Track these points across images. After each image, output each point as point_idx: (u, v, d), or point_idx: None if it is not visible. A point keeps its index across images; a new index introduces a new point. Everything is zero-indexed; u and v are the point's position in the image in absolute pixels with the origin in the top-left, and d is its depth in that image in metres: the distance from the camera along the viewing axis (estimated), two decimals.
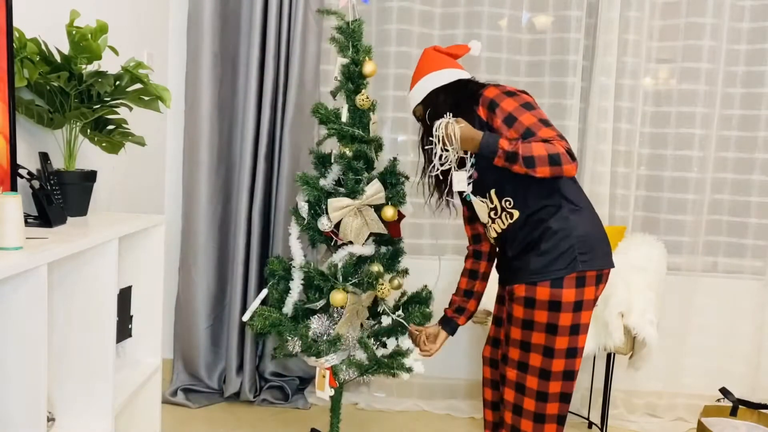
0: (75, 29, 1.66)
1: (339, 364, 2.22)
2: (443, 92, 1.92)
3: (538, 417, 1.84)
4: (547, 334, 1.79)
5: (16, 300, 1.27)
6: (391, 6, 2.93)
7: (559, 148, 1.68)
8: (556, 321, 1.78)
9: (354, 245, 2.22)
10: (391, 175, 2.25)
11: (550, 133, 1.72)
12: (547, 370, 1.81)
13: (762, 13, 2.91)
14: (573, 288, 1.79)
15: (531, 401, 1.84)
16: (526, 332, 1.82)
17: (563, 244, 1.79)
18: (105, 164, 2.33)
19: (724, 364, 3.03)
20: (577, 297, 1.79)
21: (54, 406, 1.66)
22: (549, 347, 1.79)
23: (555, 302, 1.78)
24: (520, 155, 1.69)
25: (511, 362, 1.87)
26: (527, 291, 1.81)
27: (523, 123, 1.75)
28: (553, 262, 1.78)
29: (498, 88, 1.85)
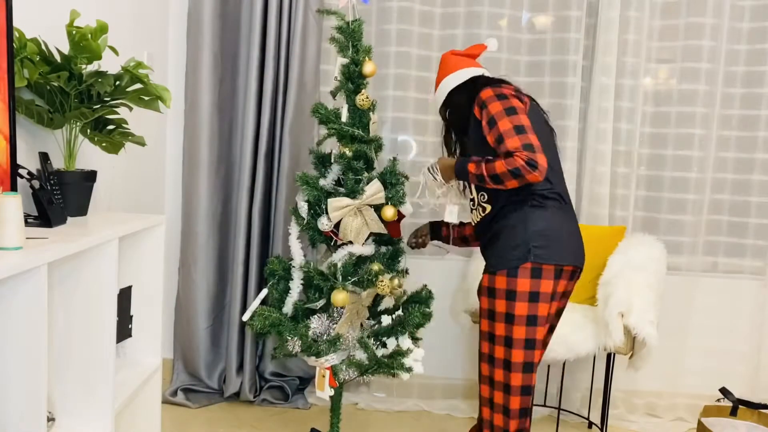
0: (75, 29, 1.66)
1: (339, 364, 2.22)
2: (457, 92, 2.06)
3: (505, 411, 1.92)
4: (506, 324, 1.88)
5: (16, 300, 1.27)
6: (391, 6, 2.93)
7: (517, 161, 1.79)
8: (512, 310, 1.87)
9: (354, 245, 2.22)
10: (390, 175, 2.25)
11: (515, 144, 1.81)
12: (508, 361, 1.88)
13: (762, 13, 2.91)
14: (528, 278, 1.87)
15: (499, 393, 1.92)
16: (490, 323, 1.92)
17: (519, 236, 1.89)
18: (105, 164, 2.33)
19: (724, 364, 3.03)
20: (532, 287, 1.87)
21: (54, 406, 1.66)
22: (509, 337, 1.88)
23: (511, 291, 1.87)
24: (486, 175, 1.85)
25: (483, 356, 1.96)
26: (488, 281, 1.92)
27: (498, 128, 1.85)
28: (509, 251, 1.89)
29: (494, 89, 1.94)
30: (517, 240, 1.89)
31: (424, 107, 3.03)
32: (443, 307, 3.06)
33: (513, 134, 1.83)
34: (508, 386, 1.90)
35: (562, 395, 2.96)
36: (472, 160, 1.90)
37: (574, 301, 2.79)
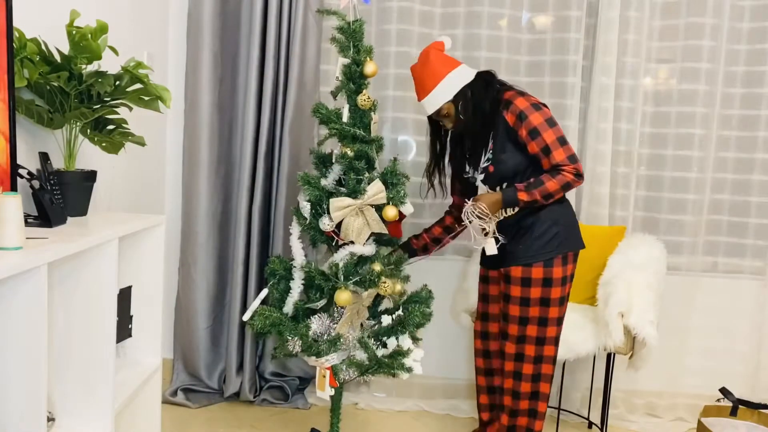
0: (75, 29, 1.66)
1: (339, 364, 2.22)
2: (469, 89, 2.18)
3: (535, 377, 2.24)
4: (541, 307, 2.17)
5: (16, 300, 1.27)
6: (391, 6, 2.93)
7: (567, 177, 2.09)
8: (548, 295, 2.17)
9: (355, 245, 2.22)
10: (391, 175, 2.25)
11: (561, 156, 2.08)
12: (542, 337, 2.20)
13: (762, 13, 2.91)
14: (561, 266, 2.17)
15: (529, 365, 2.23)
16: (524, 308, 2.19)
17: (552, 230, 2.17)
18: (105, 164, 2.33)
19: (724, 364, 3.03)
20: (564, 273, 2.18)
21: (54, 406, 1.66)
22: (543, 317, 2.18)
23: (548, 279, 2.16)
24: (540, 199, 2.11)
25: (511, 337, 2.23)
26: (523, 272, 2.17)
27: (544, 139, 2.09)
28: (544, 245, 2.16)
29: (525, 98, 2.14)
30: (550, 233, 2.16)
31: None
32: (443, 307, 3.06)
33: (558, 146, 2.09)
34: (540, 357, 2.22)
35: (562, 395, 2.96)
36: (520, 189, 2.11)
37: (574, 301, 2.79)
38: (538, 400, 2.27)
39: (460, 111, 2.18)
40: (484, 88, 2.18)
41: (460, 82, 2.18)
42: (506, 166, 2.16)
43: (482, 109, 2.16)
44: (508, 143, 2.15)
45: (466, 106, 2.17)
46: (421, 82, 2.20)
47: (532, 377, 2.24)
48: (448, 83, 2.16)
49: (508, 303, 2.22)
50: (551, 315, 2.18)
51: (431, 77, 2.17)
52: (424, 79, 2.19)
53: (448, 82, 2.16)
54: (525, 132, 2.11)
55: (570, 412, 3.01)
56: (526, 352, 2.22)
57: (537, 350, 2.21)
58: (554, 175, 2.09)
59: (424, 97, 2.21)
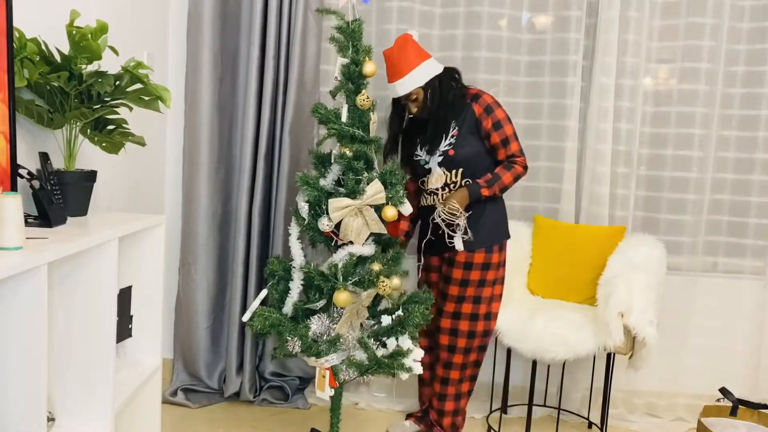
0: (75, 29, 1.66)
1: (339, 364, 2.22)
2: (439, 79, 2.42)
3: (467, 350, 2.52)
4: (477, 287, 2.47)
5: (16, 300, 1.28)
6: (391, 6, 2.93)
7: (518, 170, 2.43)
8: (485, 277, 2.48)
9: (354, 245, 2.22)
10: (390, 175, 2.25)
11: (516, 148, 2.43)
12: (476, 314, 2.49)
13: (762, 13, 2.91)
14: (498, 252, 2.49)
15: (463, 339, 2.50)
16: (462, 288, 2.47)
17: (493, 219, 2.49)
18: (105, 164, 2.33)
19: (724, 364, 3.03)
20: (500, 258, 2.51)
21: (54, 406, 1.66)
22: (478, 296, 2.48)
23: (486, 264, 2.47)
24: (498, 193, 2.43)
25: (446, 314, 2.51)
26: (467, 257, 2.46)
27: (505, 132, 2.42)
28: (488, 234, 2.47)
29: (489, 95, 2.46)
30: (491, 224, 2.48)
31: None
32: None
33: (514, 139, 2.43)
34: (474, 332, 2.50)
35: (562, 395, 2.96)
36: (482, 186, 2.39)
37: (574, 301, 2.80)
38: (468, 371, 2.56)
39: (428, 98, 2.41)
40: (452, 81, 2.45)
41: (431, 72, 2.41)
42: (465, 151, 2.41)
43: (446, 99, 2.41)
44: (470, 132, 2.42)
45: (434, 94, 2.41)
46: (397, 65, 2.38)
47: (464, 350, 2.51)
48: (421, 71, 2.38)
49: (448, 284, 2.50)
50: (485, 294, 2.48)
51: (407, 63, 2.37)
52: (399, 63, 2.37)
53: (421, 69, 2.38)
54: (490, 123, 2.39)
55: (570, 412, 3.01)
56: (460, 327, 2.49)
57: (470, 325, 2.49)
58: (508, 168, 2.41)
59: (397, 79, 2.39)
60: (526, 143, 3.02)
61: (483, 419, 2.94)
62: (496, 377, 3.01)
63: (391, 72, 2.41)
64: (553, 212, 3.01)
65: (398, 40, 2.40)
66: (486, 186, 2.39)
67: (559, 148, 2.99)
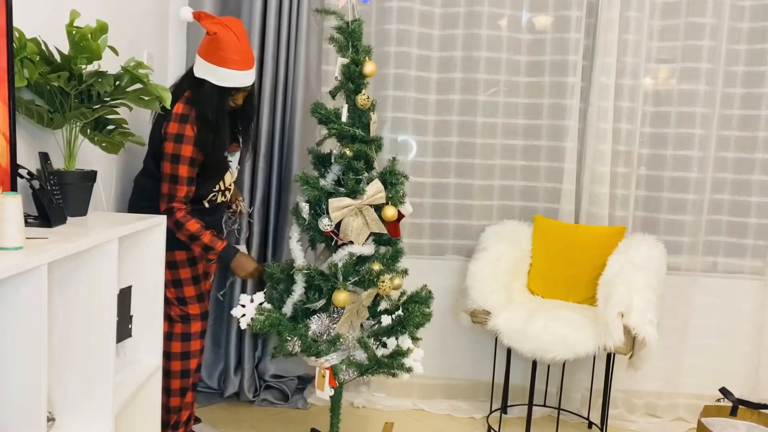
0: (75, 29, 1.66)
1: (339, 364, 2.22)
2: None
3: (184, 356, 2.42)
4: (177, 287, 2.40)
5: (16, 300, 1.27)
6: (391, 6, 2.93)
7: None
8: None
9: (354, 245, 2.22)
10: (391, 175, 2.25)
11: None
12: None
13: (762, 13, 2.91)
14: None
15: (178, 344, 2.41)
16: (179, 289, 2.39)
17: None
18: (105, 164, 2.33)
19: (724, 364, 3.03)
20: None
21: (54, 406, 1.66)
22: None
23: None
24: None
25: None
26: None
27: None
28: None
29: None
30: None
31: (423, 107, 3.03)
32: (443, 307, 3.06)
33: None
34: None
35: (562, 395, 2.96)
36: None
37: (574, 301, 2.80)
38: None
39: (254, 92, 2.37)
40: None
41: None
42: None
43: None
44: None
45: (254, 91, 2.39)
46: (248, 52, 2.19)
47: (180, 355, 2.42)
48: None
49: (208, 280, 2.48)
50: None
51: (251, 52, 2.22)
52: (249, 51, 2.19)
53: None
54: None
55: (570, 412, 3.01)
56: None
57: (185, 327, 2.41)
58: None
59: (252, 66, 2.21)
60: (527, 143, 3.02)
61: (483, 419, 2.94)
62: (496, 377, 3.01)
63: (247, 58, 2.18)
64: (553, 212, 3.01)
65: (238, 24, 2.19)
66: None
67: (559, 148, 2.99)
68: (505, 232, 2.89)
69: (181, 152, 2.17)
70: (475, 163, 3.02)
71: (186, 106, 2.18)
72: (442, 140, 3.04)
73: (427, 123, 3.04)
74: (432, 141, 3.05)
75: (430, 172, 3.06)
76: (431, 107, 3.03)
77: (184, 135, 2.16)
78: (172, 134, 2.17)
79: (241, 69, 2.16)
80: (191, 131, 2.17)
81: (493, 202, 3.07)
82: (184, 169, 2.18)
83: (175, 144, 2.17)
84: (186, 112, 2.18)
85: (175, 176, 2.18)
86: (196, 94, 2.18)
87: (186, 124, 2.17)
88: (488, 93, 3.01)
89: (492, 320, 2.60)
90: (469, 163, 3.03)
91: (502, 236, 2.86)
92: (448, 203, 3.07)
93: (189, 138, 2.17)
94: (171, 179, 2.19)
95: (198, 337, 2.41)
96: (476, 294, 2.64)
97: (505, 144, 3.04)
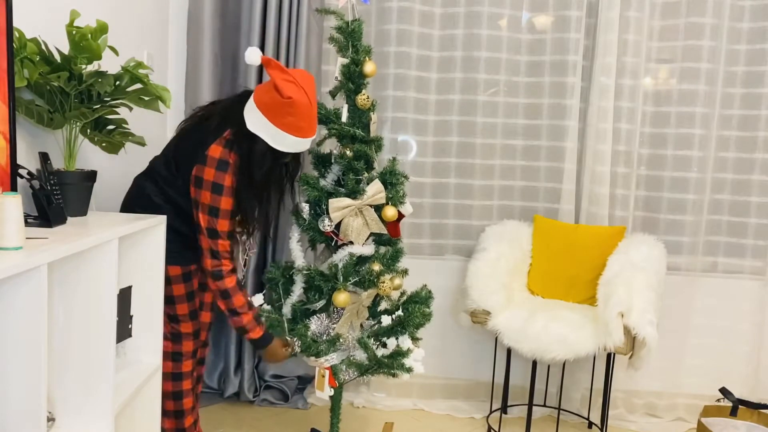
0: (75, 29, 1.66)
1: (339, 364, 2.22)
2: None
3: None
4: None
5: (16, 300, 1.27)
6: (391, 6, 2.93)
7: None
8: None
9: (354, 245, 2.22)
10: (391, 175, 2.25)
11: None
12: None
13: (762, 13, 2.91)
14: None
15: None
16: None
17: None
18: (105, 164, 2.33)
19: (724, 364, 3.03)
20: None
21: (54, 406, 1.66)
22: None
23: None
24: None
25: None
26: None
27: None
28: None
29: None
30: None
31: (423, 107, 3.03)
32: (443, 307, 3.06)
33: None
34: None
35: (562, 395, 2.96)
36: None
37: (574, 301, 2.80)
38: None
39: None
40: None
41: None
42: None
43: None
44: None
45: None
46: (315, 116, 2.00)
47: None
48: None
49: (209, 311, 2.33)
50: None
51: (316, 116, 2.03)
52: (316, 115, 2.00)
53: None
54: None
55: (570, 412, 3.01)
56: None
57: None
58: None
59: (315, 132, 2.02)
60: (527, 143, 3.02)
61: (483, 419, 2.94)
62: (496, 377, 3.01)
63: (313, 124, 1.97)
64: (553, 212, 3.01)
65: (312, 83, 1.95)
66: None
67: (559, 148, 3.00)
68: (505, 232, 2.89)
69: (220, 205, 1.93)
70: (475, 163, 3.02)
71: (225, 151, 1.92)
72: (442, 140, 3.04)
73: (427, 123, 3.04)
74: (432, 141, 3.05)
75: (430, 172, 3.06)
76: (431, 107, 3.03)
77: (223, 186, 1.91)
78: (208, 182, 1.92)
79: (305, 137, 1.96)
80: (230, 181, 1.93)
81: (493, 202, 3.07)
82: (224, 224, 1.95)
83: (213, 195, 1.92)
84: (225, 158, 1.92)
85: (214, 231, 1.95)
86: (244, 148, 1.93)
87: (225, 173, 1.91)
88: (488, 93, 3.01)
89: (492, 320, 2.60)
90: (469, 163, 3.03)
91: (502, 236, 2.86)
92: (448, 203, 3.07)
93: (228, 190, 1.92)
94: (210, 234, 1.96)
95: (190, 357, 2.19)
96: (476, 294, 2.64)
97: (505, 144, 3.04)
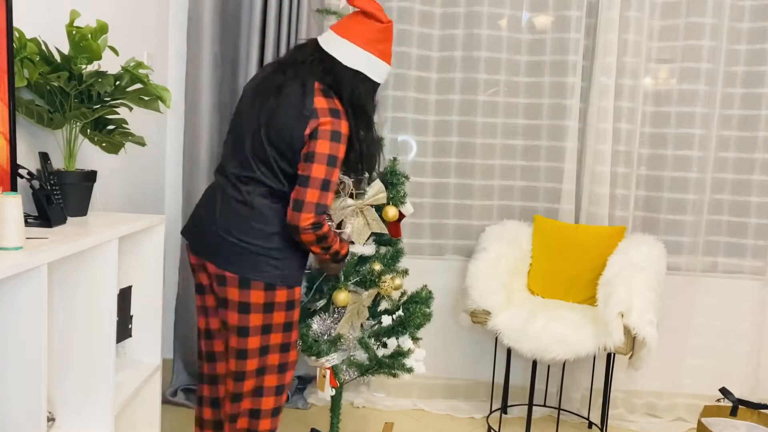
0: (75, 29, 1.66)
1: (339, 364, 2.22)
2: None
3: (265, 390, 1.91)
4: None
5: (16, 300, 1.28)
6: (391, 6, 2.93)
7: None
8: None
9: (355, 245, 2.22)
10: (391, 175, 2.25)
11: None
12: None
13: (762, 13, 2.91)
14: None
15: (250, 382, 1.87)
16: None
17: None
18: (105, 164, 2.33)
19: (724, 364, 3.03)
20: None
21: (54, 406, 1.66)
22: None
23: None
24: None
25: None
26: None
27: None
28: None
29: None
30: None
31: (424, 107, 3.03)
32: (443, 307, 3.06)
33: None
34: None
35: (562, 395, 2.96)
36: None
37: (574, 301, 2.80)
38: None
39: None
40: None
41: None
42: None
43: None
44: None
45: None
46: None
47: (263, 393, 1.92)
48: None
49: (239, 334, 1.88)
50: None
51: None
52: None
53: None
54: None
55: (570, 412, 3.01)
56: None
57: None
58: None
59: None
60: (527, 143, 3.02)
61: (483, 419, 2.94)
62: (496, 377, 3.01)
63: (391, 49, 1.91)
64: (553, 212, 3.01)
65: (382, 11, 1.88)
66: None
67: (559, 148, 3.00)
68: (505, 232, 2.89)
69: (339, 153, 1.79)
70: (475, 163, 3.02)
71: (330, 99, 1.81)
72: (442, 140, 3.04)
73: (427, 123, 3.04)
74: (432, 141, 3.05)
75: (430, 172, 3.06)
76: (431, 107, 3.03)
77: (340, 134, 1.79)
78: (326, 131, 1.77)
79: (390, 65, 1.91)
80: (346, 128, 1.82)
81: (493, 202, 3.07)
82: (337, 173, 1.81)
83: (332, 143, 1.77)
84: (334, 107, 1.80)
85: (328, 182, 1.77)
86: (346, 89, 1.84)
87: (340, 120, 1.80)
88: (488, 93, 3.01)
89: (492, 320, 2.60)
90: (469, 163, 3.03)
91: (502, 236, 2.86)
92: (448, 203, 3.07)
93: (345, 137, 1.81)
94: (323, 185, 1.76)
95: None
96: (476, 294, 2.64)
97: (505, 144, 3.04)
